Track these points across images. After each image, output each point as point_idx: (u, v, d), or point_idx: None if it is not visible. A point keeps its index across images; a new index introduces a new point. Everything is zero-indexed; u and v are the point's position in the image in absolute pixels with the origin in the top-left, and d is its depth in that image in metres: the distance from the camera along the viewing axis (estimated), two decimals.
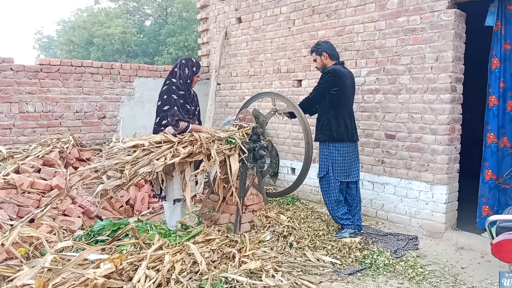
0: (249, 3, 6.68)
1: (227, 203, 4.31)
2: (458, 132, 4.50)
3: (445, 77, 4.31)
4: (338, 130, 4.18)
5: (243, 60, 6.92)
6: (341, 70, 4.25)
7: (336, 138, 4.20)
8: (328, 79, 4.18)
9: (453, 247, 4.23)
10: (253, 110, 4.86)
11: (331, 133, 4.19)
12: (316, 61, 4.42)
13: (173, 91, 3.93)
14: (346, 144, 4.24)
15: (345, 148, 4.25)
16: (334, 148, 4.23)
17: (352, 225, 4.27)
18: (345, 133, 4.21)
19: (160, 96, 3.98)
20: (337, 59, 4.37)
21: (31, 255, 3.19)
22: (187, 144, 3.80)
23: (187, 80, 4.04)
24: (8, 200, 4.05)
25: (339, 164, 4.24)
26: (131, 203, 5.14)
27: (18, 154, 5.07)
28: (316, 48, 4.37)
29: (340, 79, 4.17)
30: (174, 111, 3.86)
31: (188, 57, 4.18)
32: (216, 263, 3.17)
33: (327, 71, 4.22)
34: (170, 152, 3.66)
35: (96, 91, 6.47)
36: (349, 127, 4.26)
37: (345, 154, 4.25)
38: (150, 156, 3.54)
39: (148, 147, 3.63)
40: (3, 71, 5.65)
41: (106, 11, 24.80)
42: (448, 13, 4.26)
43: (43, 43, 29.73)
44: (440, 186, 4.41)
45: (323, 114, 4.28)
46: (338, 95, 4.17)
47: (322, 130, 4.26)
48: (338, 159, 4.23)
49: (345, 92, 4.22)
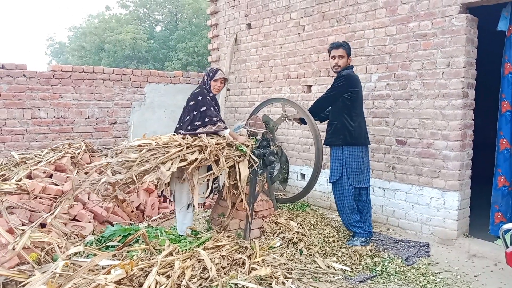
0: (259, 9, 6.70)
1: (237, 209, 4.30)
2: (470, 138, 4.45)
3: (457, 82, 4.27)
4: (353, 133, 4.16)
5: (252, 66, 6.94)
6: (354, 75, 4.30)
7: (350, 142, 4.17)
8: (341, 84, 4.19)
9: (465, 254, 4.17)
10: (263, 116, 4.87)
11: (345, 137, 4.17)
12: (342, 58, 4.26)
13: (206, 94, 4.17)
14: (360, 148, 4.22)
15: (359, 153, 4.22)
16: (348, 152, 4.19)
17: (364, 233, 4.23)
18: (359, 136, 4.20)
19: (194, 98, 4.15)
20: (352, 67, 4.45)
21: (42, 260, 3.21)
22: (196, 149, 3.79)
23: (206, 86, 4.24)
24: (20, 205, 4.10)
25: (352, 169, 4.21)
26: (141, 208, 5.16)
27: (30, 159, 5.14)
28: (347, 46, 4.32)
29: (353, 84, 4.19)
30: (212, 112, 4.06)
31: (211, 68, 4.47)
32: (226, 269, 3.17)
33: (341, 76, 4.22)
34: (178, 157, 3.64)
35: (108, 97, 6.53)
36: (363, 131, 4.25)
37: (359, 158, 4.23)
38: (158, 161, 3.53)
39: (155, 147, 3.62)
40: (16, 77, 5.74)
41: (117, 18, 25.04)
42: (459, 18, 4.23)
43: (55, 49, 30.10)
44: (452, 192, 4.36)
45: (336, 118, 4.26)
46: (352, 99, 4.17)
47: (335, 134, 4.23)
48: (352, 163, 4.20)
49: (358, 96, 4.24)
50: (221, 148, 3.96)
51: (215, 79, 4.23)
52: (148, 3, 25.07)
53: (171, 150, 3.64)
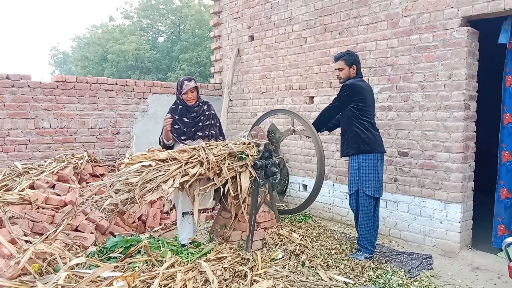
0: (262, 21, 6.76)
1: (239, 220, 4.30)
2: (472, 150, 4.46)
3: (459, 94, 4.29)
4: (366, 141, 4.08)
5: (255, 77, 6.98)
6: (360, 84, 4.19)
7: (365, 150, 4.08)
8: (345, 94, 4.14)
9: (468, 267, 4.15)
10: (270, 125, 4.84)
11: (358, 145, 4.09)
12: (342, 70, 4.26)
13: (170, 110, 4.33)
14: (376, 155, 4.13)
15: (376, 160, 4.12)
16: (364, 160, 4.10)
17: (371, 250, 4.16)
18: (374, 143, 4.12)
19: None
20: (360, 74, 4.32)
21: (44, 271, 3.21)
22: (196, 163, 3.79)
23: (179, 100, 4.32)
24: (22, 216, 4.10)
25: (369, 177, 4.09)
26: (143, 219, 5.16)
27: (33, 169, 5.15)
28: (348, 57, 4.22)
29: (358, 92, 4.12)
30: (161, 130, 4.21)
31: (179, 79, 4.42)
32: (228, 281, 3.16)
33: (345, 85, 4.17)
34: (179, 173, 3.65)
35: (111, 108, 6.57)
36: (377, 138, 4.17)
37: (376, 166, 4.12)
38: (158, 180, 3.51)
39: (155, 167, 3.63)
40: (20, 87, 5.78)
41: (120, 28, 25.26)
42: (460, 31, 4.26)
43: (58, 59, 30.37)
44: (455, 204, 4.36)
45: (347, 128, 4.20)
46: (360, 109, 4.10)
47: (349, 144, 4.17)
48: (368, 171, 4.09)
49: (366, 104, 4.15)
50: (222, 158, 3.97)
51: (184, 93, 4.21)
52: (152, 14, 25.31)
53: (171, 167, 3.64)
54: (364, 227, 4.15)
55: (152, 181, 3.53)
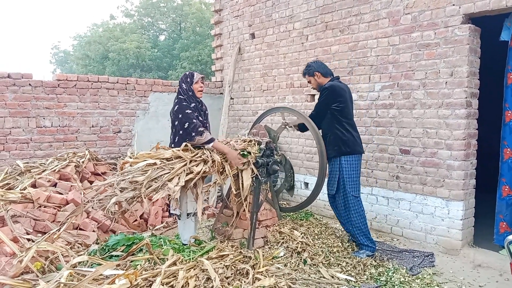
0: (263, 19, 6.76)
1: (241, 218, 4.30)
2: (474, 147, 4.45)
3: (460, 92, 4.29)
4: (347, 142, 4.14)
5: (256, 75, 6.98)
6: (339, 85, 4.26)
7: (346, 152, 4.15)
8: (327, 95, 4.19)
9: (470, 264, 4.15)
10: (264, 126, 4.88)
11: (339, 147, 4.15)
12: (310, 82, 4.45)
13: (185, 107, 3.97)
14: (357, 156, 4.21)
15: (357, 161, 4.21)
16: (345, 162, 4.16)
17: (372, 247, 4.18)
18: (355, 145, 4.19)
19: (176, 116, 3.99)
20: (331, 75, 4.38)
21: (46, 270, 3.22)
22: (200, 161, 3.80)
23: (188, 92, 4.08)
24: (25, 214, 4.11)
25: (352, 178, 4.18)
26: (145, 217, 5.17)
27: (35, 168, 5.15)
28: (308, 70, 4.40)
29: (339, 94, 4.17)
30: (195, 124, 3.86)
31: (184, 73, 4.24)
32: (229, 279, 3.16)
33: (324, 88, 4.23)
34: (183, 171, 3.66)
35: (112, 106, 6.57)
36: (357, 139, 4.23)
37: (357, 167, 4.21)
38: (164, 179, 3.52)
39: (160, 166, 3.64)
40: (22, 86, 5.78)
41: (121, 27, 25.26)
42: (462, 28, 4.25)
43: (59, 58, 30.37)
44: (456, 202, 4.35)
45: (329, 130, 4.25)
46: (341, 110, 4.15)
47: (330, 146, 4.21)
48: (351, 173, 4.17)
49: (347, 106, 4.22)
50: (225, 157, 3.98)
51: (195, 82, 4.08)
52: (152, 12, 25.30)
53: (176, 166, 3.65)
54: (359, 225, 4.19)
55: (158, 180, 3.54)
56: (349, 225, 4.26)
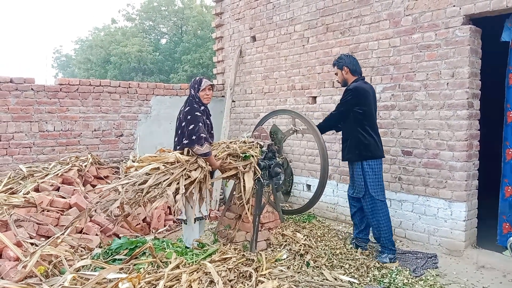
0: (264, 22, 6.77)
1: (243, 221, 4.30)
2: (476, 148, 4.45)
3: (462, 93, 4.28)
4: (369, 147, 4.10)
5: (257, 77, 6.99)
6: (363, 87, 4.19)
7: (368, 156, 4.10)
8: (349, 98, 4.14)
9: (473, 265, 4.14)
10: (272, 126, 4.86)
11: (360, 151, 4.11)
12: (337, 74, 4.40)
13: (196, 109, 3.99)
14: (378, 160, 4.17)
15: (379, 165, 4.17)
16: (368, 166, 4.12)
17: (394, 250, 4.16)
18: (376, 149, 4.15)
19: (184, 117, 3.99)
20: (359, 74, 4.31)
21: (50, 273, 3.22)
22: (197, 166, 3.81)
23: (195, 99, 4.10)
24: (28, 219, 4.12)
25: (376, 182, 4.14)
26: (147, 220, 5.17)
27: (38, 172, 5.17)
28: (338, 62, 4.33)
29: (363, 96, 4.11)
30: (199, 128, 3.86)
31: (195, 77, 4.26)
32: (232, 282, 3.16)
33: (349, 89, 4.17)
34: (182, 176, 3.67)
35: (114, 110, 6.59)
36: (378, 143, 4.19)
37: (379, 171, 4.17)
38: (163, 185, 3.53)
39: (163, 170, 3.65)
40: (24, 91, 5.80)
41: (122, 30, 25.33)
42: (463, 29, 4.25)
43: (61, 62, 30.45)
44: (459, 203, 4.35)
45: (350, 133, 4.21)
46: (364, 113, 4.10)
47: (352, 150, 4.18)
48: (373, 177, 4.13)
49: (370, 109, 4.16)
50: (224, 158, 4.00)
51: (202, 89, 4.09)
52: (154, 16, 25.36)
53: (175, 171, 3.66)
54: (385, 229, 4.16)
55: (158, 186, 3.55)
56: (376, 229, 4.20)
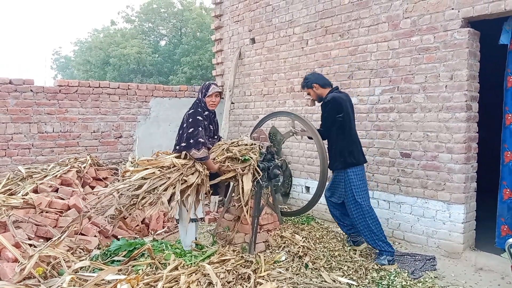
0: (263, 24, 6.79)
1: (242, 223, 4.30)
2: (474, 150, 4.46)
3: (460, 95, 4.30)
4: (353, 153, 4.17)
5: (256, 79, 7.00)
6: (339, 95, 4.26)
7: (352, 163, 4.16)
8: (330, 108, 4.20)
9: (471, 268, 4.15)
10: (271, 128, 4.88)
11: (345, 159, 4.16)
12: (310, 94, 4.46)
13: (198, 113, 4.01)
14: (361, 166, 4.24)
15: (362, 171, 4.24)
16: (352, 173, 4.17)
17: (391, 251, 4.16)
18: (359, 155, 4.23)
19: (186, 119, 4.01)
20: (330, 85, 4.40)
21: (48, 275, 3.22)
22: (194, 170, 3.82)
23: (201, 103, 4.12)
24: (26, 220, 4.11)
25: (361, 188, 4.19)
26: (146, 222, 5.17)
27: (36, 173, 5.17)
28: (306, 83, 4.42)
29: (341, 105, 4.17)
30: (198, 132, 3.88)
31: (204, 82, 4.29)
32: (231, 284, 3.16)
33: (326, 101, 4.25)
34: (179, 181, 3.67)
35: (113, 111, 6.59)
36: (360, 149, 4.28)
37: (362, 176, 4.23)
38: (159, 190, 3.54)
39: (159, 175, 3.66)
40: (23, 92, 5.81)
41: (122, 32, 25.33)
42: (461, 32, 4.27)
43: (60, 63, 30.43)
44: (457, 205, 4.36)
45: (334, 142, 4.28)
46: (344, 121, 4.17)
47: (336, 158, 4.24)
48: (358, 183, 4.18)
49: (349, 116, 4.22)
50: (222, 161, 4.00)
51: (209, 95, 4.10)
52: (153, 17, 25.36)
53: (172, 175, 3.67)
54: (377, 232, 4.17)
55: (153, 192, 3.56)
56: (369, 235, 4.19)
